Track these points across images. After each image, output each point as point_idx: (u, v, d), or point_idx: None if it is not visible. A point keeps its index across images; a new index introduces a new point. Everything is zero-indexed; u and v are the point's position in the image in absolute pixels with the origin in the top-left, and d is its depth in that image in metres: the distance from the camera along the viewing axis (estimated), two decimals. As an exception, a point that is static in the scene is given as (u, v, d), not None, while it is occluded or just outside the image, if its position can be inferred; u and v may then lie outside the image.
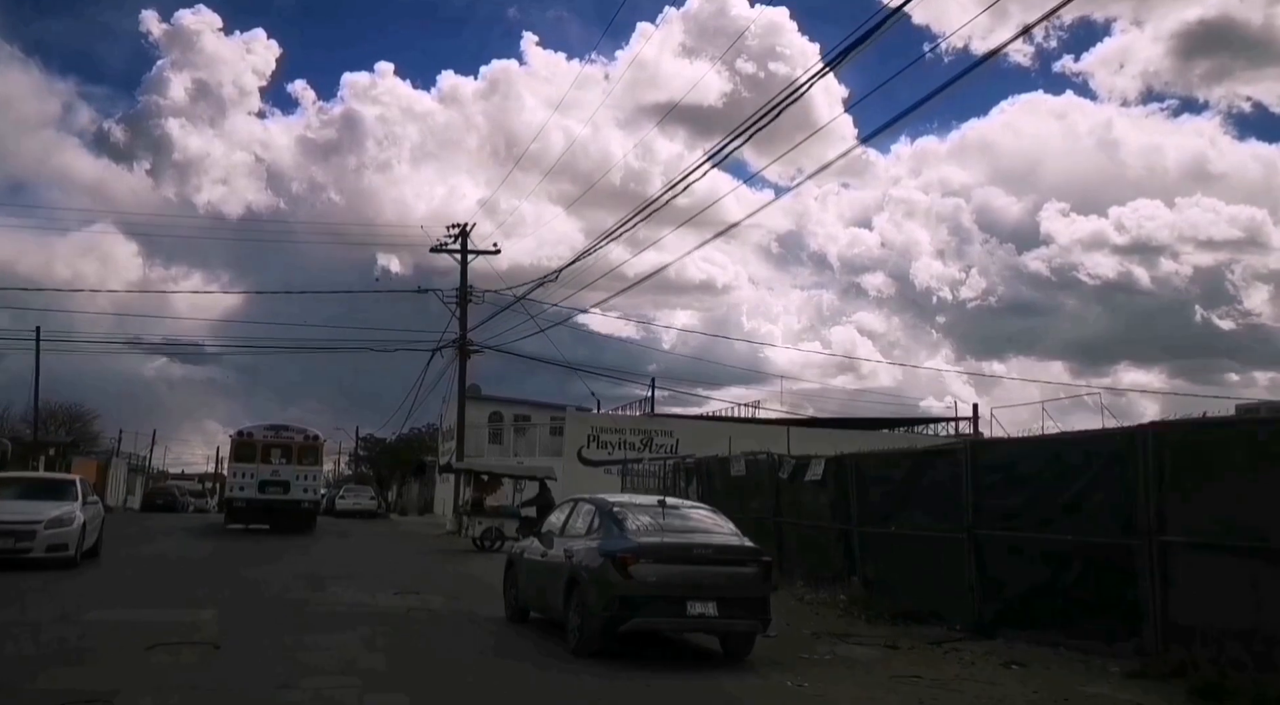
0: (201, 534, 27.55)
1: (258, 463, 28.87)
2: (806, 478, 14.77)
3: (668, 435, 40.67)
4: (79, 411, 76.03)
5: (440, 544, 26.56)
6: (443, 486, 47.68)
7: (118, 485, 60.62)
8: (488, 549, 23.30)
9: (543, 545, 10.54)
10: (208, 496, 68.73)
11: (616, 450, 40.44)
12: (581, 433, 40.48)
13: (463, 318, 29.97)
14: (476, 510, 23.64)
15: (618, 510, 9.87)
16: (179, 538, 24.98)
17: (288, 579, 15.27)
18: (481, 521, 23.56)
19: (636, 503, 10.48)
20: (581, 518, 10.28)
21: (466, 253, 30.00)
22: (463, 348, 29.77)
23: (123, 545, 20.91)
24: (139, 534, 25.14)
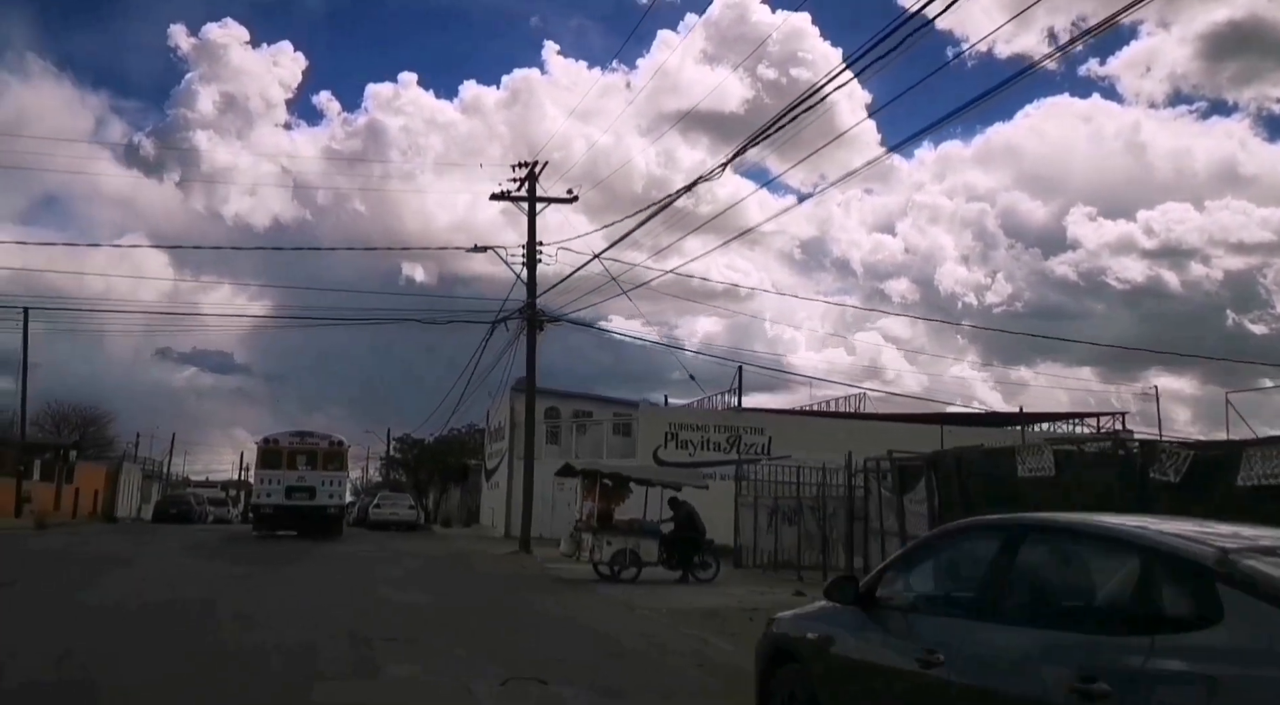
0: (209, 553, 21.69)
1: (284, 469, 29.34)
2: (1245, 480, 8.52)
3: (758, 433, 34.52)
4: (94, 414, 71.19)
5: (515, 568, 20.51)
6: (491, 494, 41.66)
7: (129, 493, 55.16)
8: (617, 577, 17.35)
9: (916, 641, 4.36)
10: (229, 505, 63.11)
11: (698, 450, 34.36)
12: (657, 430, 34.40)
13: (531, 280, 24.05)
14: (604, 527, 17.59)
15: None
16: (172, 561, 19.08)
17: (311, 642, 9.28)
18: (610, 541, 17.48)
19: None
20: (1105, 578, 3.90)
21: (535, 200, 24.12)
22: (532, 317, 23.81)
23: (82, 575, 15.07)
24: (117, 556, 19.33)
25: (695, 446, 34.41)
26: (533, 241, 24.15)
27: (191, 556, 20.10)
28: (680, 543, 17.89)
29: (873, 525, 13.64)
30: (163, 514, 46.10)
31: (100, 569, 16.72)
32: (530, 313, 23.84)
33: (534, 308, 23.88)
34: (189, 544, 24.36)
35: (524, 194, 24.20)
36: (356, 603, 13.04)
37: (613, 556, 17.49)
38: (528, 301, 23.92)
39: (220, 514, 56.06)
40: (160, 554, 20.52)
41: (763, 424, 34.91)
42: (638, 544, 17.57)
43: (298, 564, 19.37)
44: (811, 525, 19.10)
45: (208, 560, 19.23)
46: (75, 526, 34.82)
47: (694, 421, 34.91)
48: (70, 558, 19.13)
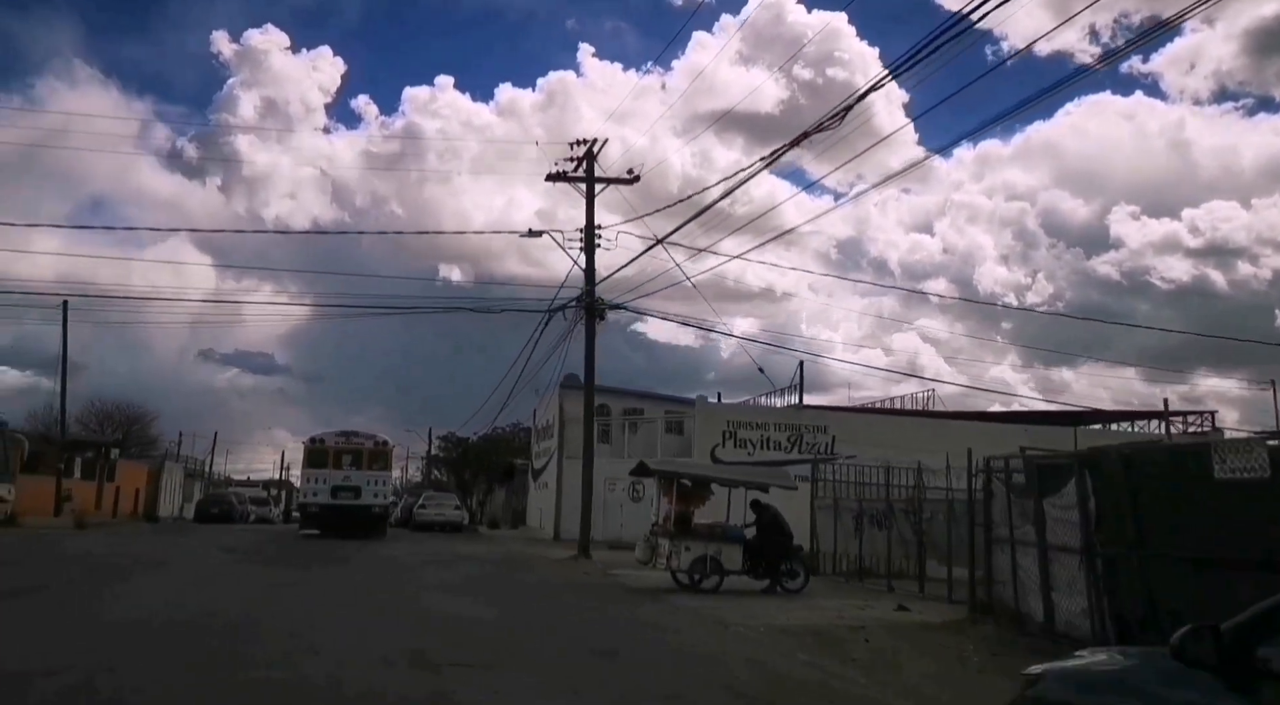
0: (251, 556, 20.42)
1: (330, 468, 29.71)
2: None
3: (820, 431, 32.79)
4: (137, 412, 70.92)
5: (578, 574, 18.98)
6: (539, 494, 40.27)
7: (171, 492, 54.49)
8: (697, 587, 15.80)
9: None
10: (271, 504, 62.35)
11: (758, 449, 32.71)
12: (714, 429, 32.78)
13: (589, 265, 22.49)
14: (683, 531, 15.95)
15: None
16: (213, 565, 17.77)
17: (373, 668, 7.79)
18: (690, 547, 15.86)
19: None
20: None
21: (594, 180, 22.59)
22: (590, 305, 22.29)
23: (116, 581, 13.76)
24: (155, 559, 18.07)
25: (754, 445, 32.77)
26: (591, 225, 22.61)
27: (233, 560, 18.82)
28: (766, 549, 16.26)
29: (998, 533, 11.93)
30: (204, 513, 45.22)
31: (136, 574, 15.43)
32: (589, 300, 22.30)
33: (592, 295, 22.33)
34: (230, 546, 23.13)
35: (581, 174, 22.67)
36: (415, 617, 11.58)
37: (692, 564, 15.87)
38: (585, 288, 22.37)
39: (262, 513, 55.21)
40: (200, 557, 19.27)
41: (825, 422, 33.16)
42: (719, 550, 15.95)
43: (345, 568, 17.98)
44: (906, 530, 17.35)
45: (251, 564, 17.92)
46: (115, 526, 33.88)
47: (753, 419, 33.25)
48: (105, 561, 17.90)
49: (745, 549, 16.10)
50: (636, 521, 34.59)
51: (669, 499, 16.78)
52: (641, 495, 34.42)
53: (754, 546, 16.22)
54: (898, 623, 12.52)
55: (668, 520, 16.38)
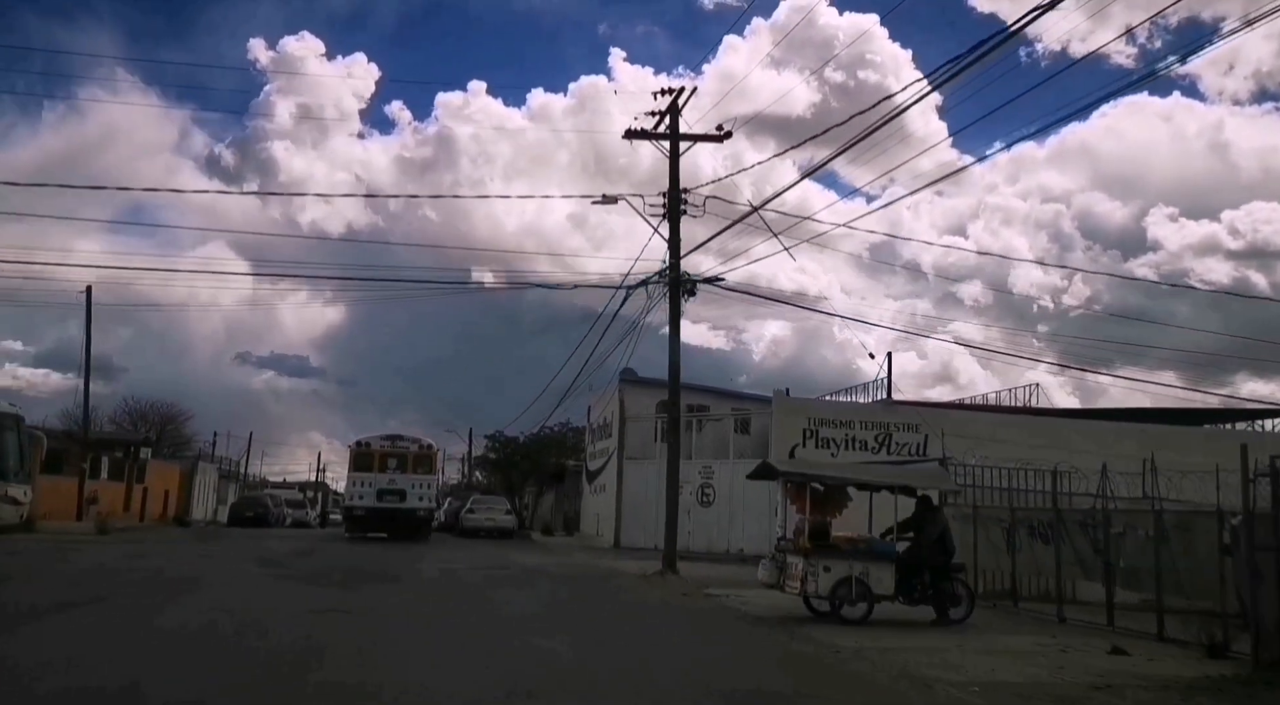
0: (290, 569, 17.59)
1: (375, 472, 29.99)
2: None
3: (912, 431, 29.45)
4: (172, 411, 69.02)
5: (672, 596, 15.90)
6: (594, 498, 37.31)
7: (205, 495, 52.17)
8: (838, 615, 12.73)
9: None
10: (308, 507, 59.99)
11: (842, 450, 29.41)
12: (794, 426, 29.56)
13: (673, 234, 19.41)
14: (820, 547, 12.81)
15: None
16: (247, 583, 14.88)
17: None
18: (829, 565, 12.75)
19: None
20: None
21: (679, 137, 19.57)
22: (675, 280, 19.25)
23: (131, 607, 10.90)
24: (182, 573, 15.19)
25: (838, 445, 29.51)
26: (676, 188, 19.53)
27: (272, 577, 15.97)
28: (928, 567, 13.13)
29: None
30: (238, 517, 42.74)
31: (158, 595, 12.60)
32: (673, 275, 19.25)
33: (677, 269, 19.29)
34: (266, 557, 20.36)
35: (664, 131, 19.62)
36: (500, 661, 8.59)
37: (834, 587, 12.74)
38: (669, 261, 19.33)
39: (299, 517, 52.78)
40: (233, 572, 16.45)
41: (918, 420, 29.81)
42: (867, 570, 12.80)
43: (400, 590, 15.06)
44: (1083, 546, 14.11)
45: (293, 583, 15.05)
46: (143, 531, 31.35)
47: (837, 416, 29.98)
48: (124, 577, 15.16)
49: (899, 567, 12.96)
50: (705, 529, 31.53)
51: (799, 507, 13.66)
52: (712, 499, 31.36)
53: (908, 564, 13.09)
54: (1148, 678, 9.34)
55: (800, 534, 13.23)
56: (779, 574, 13.48)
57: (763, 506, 30.31)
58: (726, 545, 30.31)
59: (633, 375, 35.12)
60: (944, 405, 32.38)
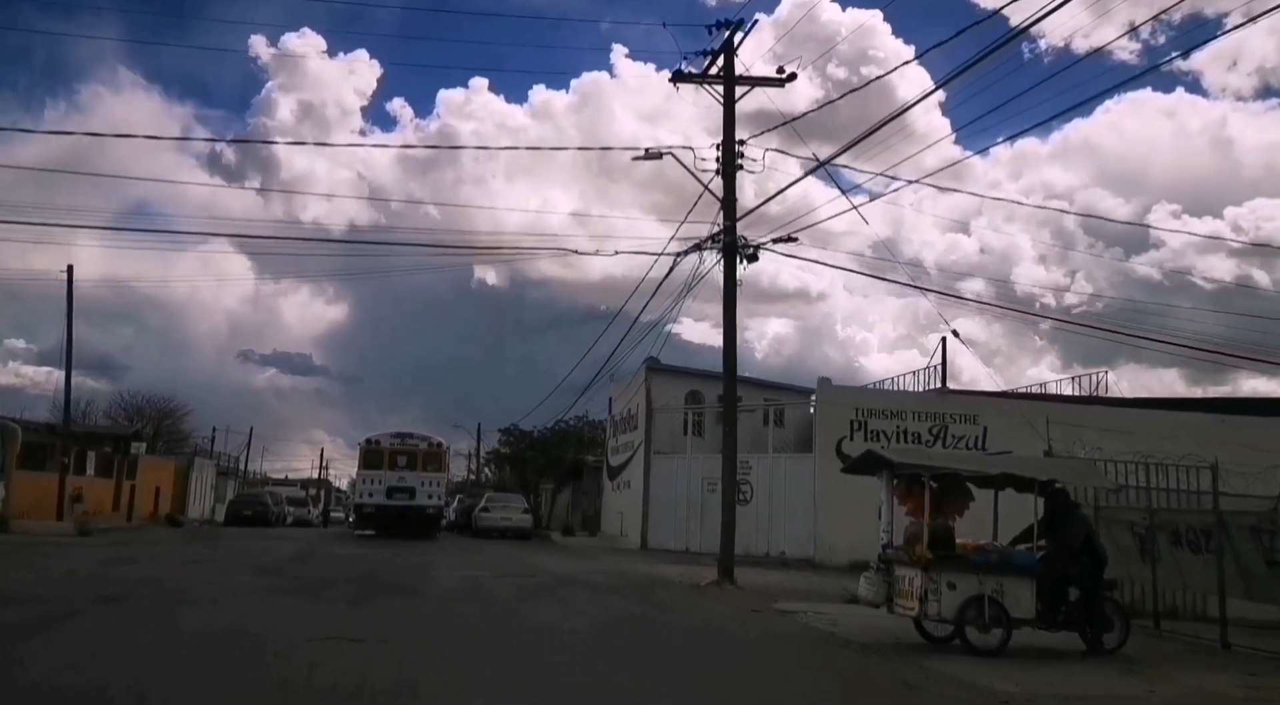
0: (290, 580, 15.10)
1: (385, 469, 29.93)
2: None
3: (969, 422, 26.93)
4: (169, 406, 66.66)
5: (738, 610, 13.34)
6: (617, 496, 34.78)
7: (202, 491, 49.68)
8: (965, 642, 10.24)
9: None
10: (310, 505, 57.50)
11: (892, 443, 26.88)
12: (841, 417, 27.04)
13: (729, 193, 16.86)
14: (942, 558, 10.19)
15: None
16: (240, 599, 12.31)
17: None
18: (955, 581, 10.21)
19: None
20: None
21: (734, 81, 17.01)
22: (731, 244, 16.69)
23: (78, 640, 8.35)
24: (162, 584, 12.58)
25: (888, 438, 26.96)
26: (731, 139, 16.96)
27: (264, 587, 13.45)
28: (1077, 584, 10.59)
29: None
30: (236, 515, 40.20)
31: (120, 616, 10.08)
32: (728, 238, 16.70)
33: (733, 231, 16.74)
34: (263, 563, 17.86)
35: (717, 73, 17.06)
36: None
37: (962, 608, 10.19)
38: (724, 224, 16.77)
39: (300, 515, 50.31)
40: (220, 583, 13.91)
41: (976, 410, 27.27)
42: (1001, 587, 10.25)
43: (418, 603, 12.56)
44: (1252, 557, 11.54)
45: (288, 596, 12.52)
46: (129, 532, 28.89)
47: (887, 406, 27.43)
48: (87, 589, 12.68)
49: (1040, 583, 10.41)
50: (741, 530, 28.71)
51: (911, 507, 11.11)
52: (749, 498, 28.81)
53: (1054, 579, 10.54)
54: None
55: (916, 542, 10.67)
56: (886, 591, 10.94)
57: (805, 505, 27.83)
58: (766, 548, 27.81)
59: (659, 363, 32.64)
60: (1003, 395, 29.79)
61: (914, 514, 11.00)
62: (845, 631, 11.54)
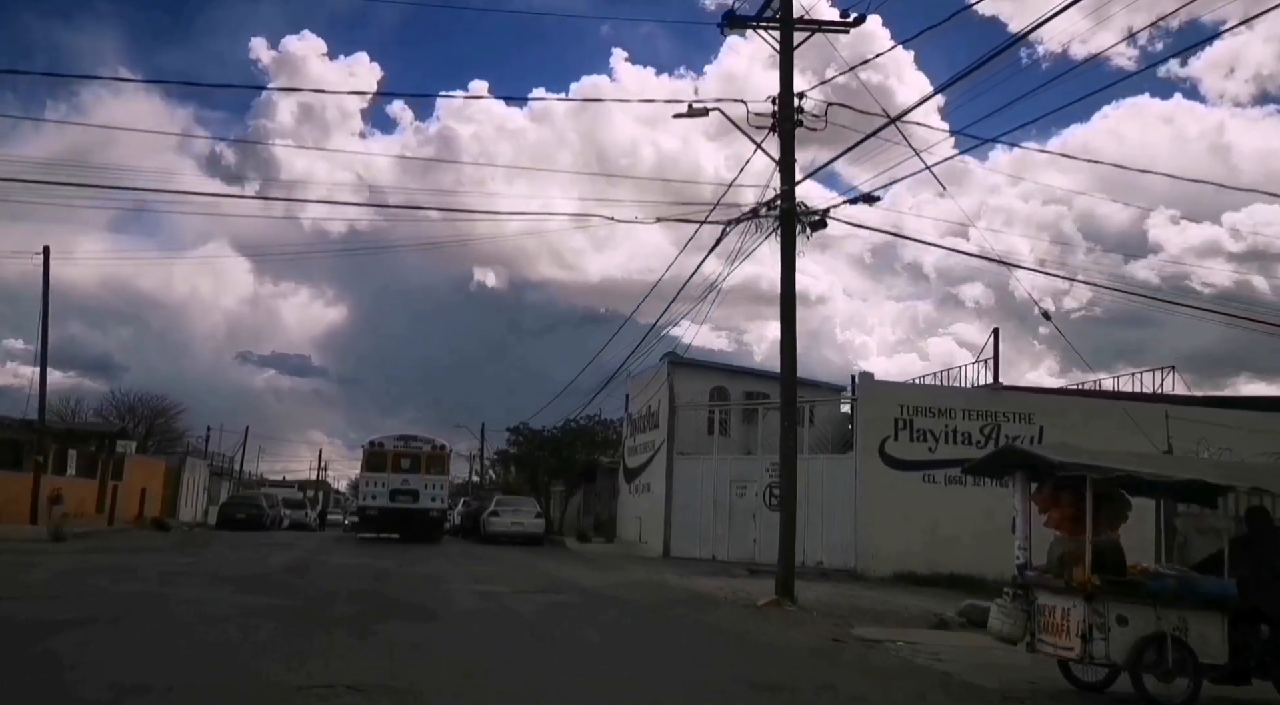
0: (272, 600, 12.85)
1: (388, 472, 29.93)
2: None
3: (1023, 421, 24.68)
4: (163, 405, 64.45)
5: (816, 639, 11.10)
6: (635, 499, 32.54)
7: (194, 493, 47.39)
8: (1143, 694, 7.94)
9: None
10: (308, 507, 55.19)
11: (941, 444, 24.67)
12: (885, 416, 24.82)
13: (786, 151, 14.63)
14: (1110, 584, 7.96)
15: None
16: (213, 632, 10.04)
17: None
18: (1125, 615, 7.94)
19: None
20: None
21: (793, 25, 14.81)
22: (790, 210, 14.47)
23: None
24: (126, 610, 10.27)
25: (936, 438, 24.79)
26: (788, 91, 14.73)
27: (251, 608, 11.19)
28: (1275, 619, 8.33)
29: None
30: (228, 518, 37.88)
31: (46, 665, 7.80)
32: (787, 204, 14.48)
33: (792, 196, 14.53)
34: (251, 576, 15.62)
35: (772, 14, 14.85)
36: None
37: (1135, 650, 7.95)
38: (782, 187, 14.56)
39: (298, 518, 47.99)
40: (199, 603, 11.64)
41: (1031, 408, 25.05)
42: (1184, 623, 8.02)
43: (433, 630, 10.33)
44: None
45: (273, 622, 10.26)
46: (110, 536, 26.64)
47: (934, 404, 25.19)
48: (28, 613, 10.43)
49: (1234, 621, 8.16)
50: (773, 537, 26.63)
51: (1058, 518, 8.87)
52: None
53: (1240, 613, 8.29)
54: None
55: (1073, 562, 8.42)
56: (1024, 624, 8.70)
57: (843, 510, 25.58)
58: (801, 557, 25.33)
59: (681, 358, 30.42)
60: (1060, 392, 27.56)
61: (1060, 527, 8.81)
62: (961, 672, 9.33)
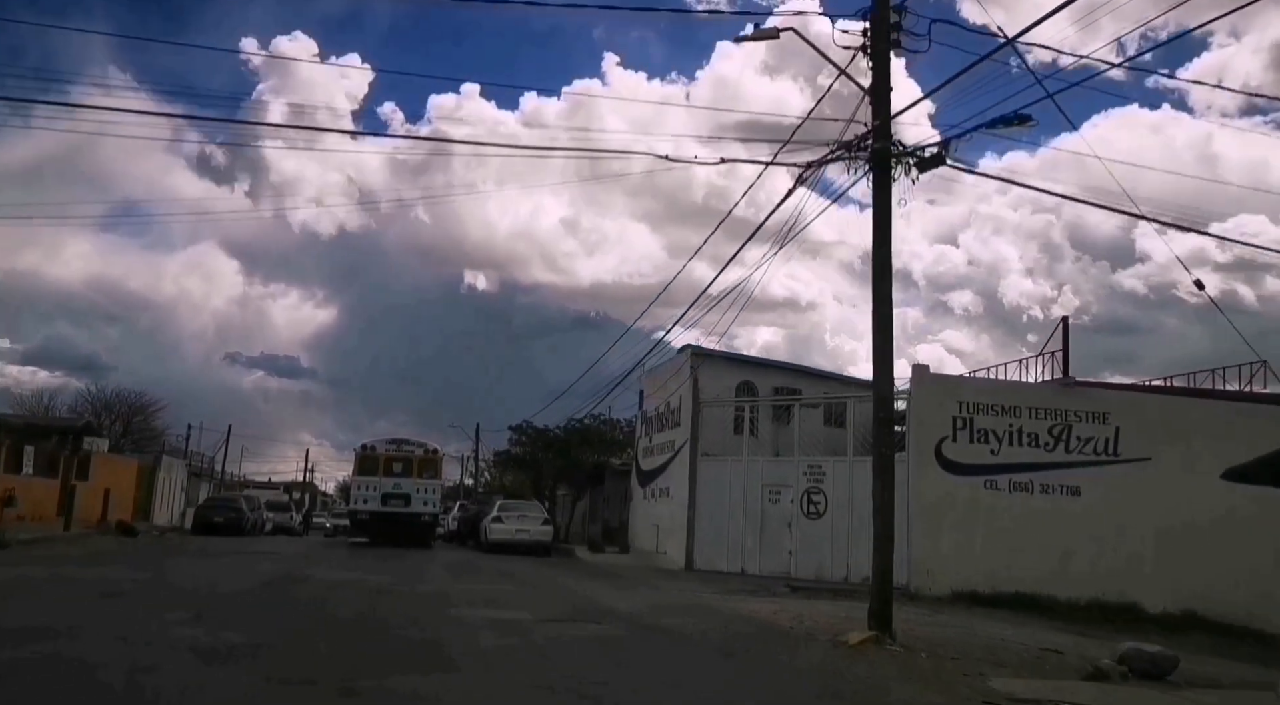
0: (217, 638, 9.98)
1: (380, 476, 29.72)
2: None
3: (1097, 421, 21.96)
4: (141, 402, 61.35)
5: (943, 701, 8.31)
6: (651, 505, 29.67)
7: (170, 494, 44.28)
8: None
9: None
10: (294, 509, 52.10)
11: (1004, 446, 21.91)
12: (943, 413, 22.03)
13: (880, 77, 11.89)
14: None
15: None
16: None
17: None
18: None
19: None
20: None
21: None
22: (883, 151, 11.66)
23: None
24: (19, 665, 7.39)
25: (999, 439, 22.05)
26: (885, 15, 12.04)
27: (201, 652, 8.28)
28: None
29: None
30: (205, 522, 34.79)
31: None
32: (880, 144, 11.70)
33: (887, 134, 11.75)
34: (214, 597, 12.71)
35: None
36: None
37: None
38: (875, 122, 11.78)
39: (282, 521, 44.91)
40: (133, 646, 8.69)
41: (1106, 405, 22.31)
42: None
43: (452, 691, 7.46)
44: None
45: (236, 679, 7.36)
46: (65, 542, 23.57)
47: (997, 401, 22.40)
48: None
49: None
50: (814, 549, 23.73)
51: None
52: (822, 509, 23.79)
53: None
54: None
55: None
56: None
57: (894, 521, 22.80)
58: (845, 572, 22.77)
59: (705, 349, 27.58)
60: (1138, 388, 24.78)
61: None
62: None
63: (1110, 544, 21.03)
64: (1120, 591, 20.35)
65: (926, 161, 11.17)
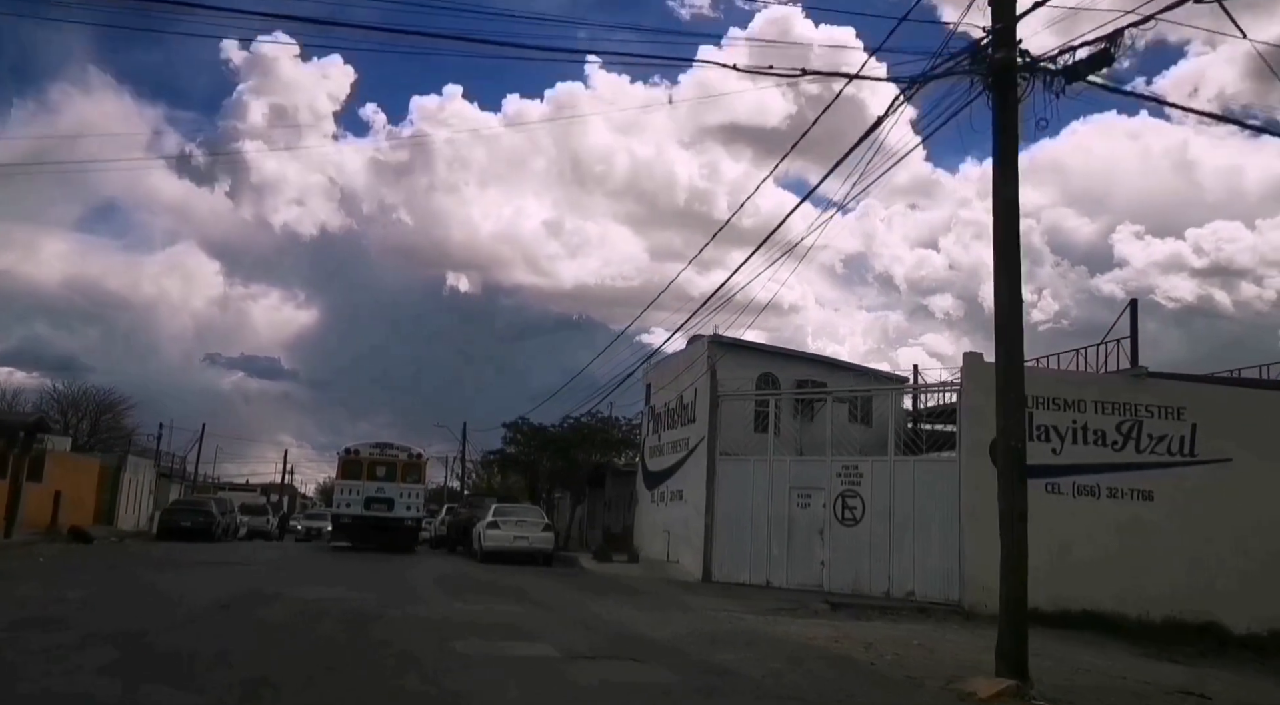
0: (144, 682, 7.35)
1: (363, 480, 29.52)
2: None
3: (1171, 417, 19.61)
4: (108, 400, 58.41)
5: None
6: (661, 510, 27.09)
7: (136, 497, 41.29)
8: None
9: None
10: (270, 513, 49.11)
11: (1068, 444, 19.49)
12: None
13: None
14: None
15: None
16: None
17: None
18: None
19: None
20: None
21: None
22: (1007, 62, 9.19)
23: None
24: None
25: (1061, 437, 19.64)
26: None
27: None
28: None
29: None
30: (171, 527, 31.92)
31: None
32: (1005, 55, 9.25)
33: (1012, 41, 9.31)
34: (158, 625, 10.08)
35: None
36: None
37: None
38: (994, 26, 9.34)
39: (257, 525, 42.03)
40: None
41: (1180, 399, 19.93)
42: None
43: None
44: None
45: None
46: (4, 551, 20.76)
47: (1060, 393, 19.96)
48: None
49: None
50: (850, 559, 21.04)
51: None
52: (859, 516, 21.27)
53: None
54: None
55: None
56: None
57: (943, 528, 20.20)
58: (886, 585, 20.28)
59: (723, 337, 24.98)
60: (1215, 380, 22.40)
61: None
62: None
63: (1187, 555, 18.72)
64: (1199, 609, 18.11)
65: (1075, 69, 8.60)
